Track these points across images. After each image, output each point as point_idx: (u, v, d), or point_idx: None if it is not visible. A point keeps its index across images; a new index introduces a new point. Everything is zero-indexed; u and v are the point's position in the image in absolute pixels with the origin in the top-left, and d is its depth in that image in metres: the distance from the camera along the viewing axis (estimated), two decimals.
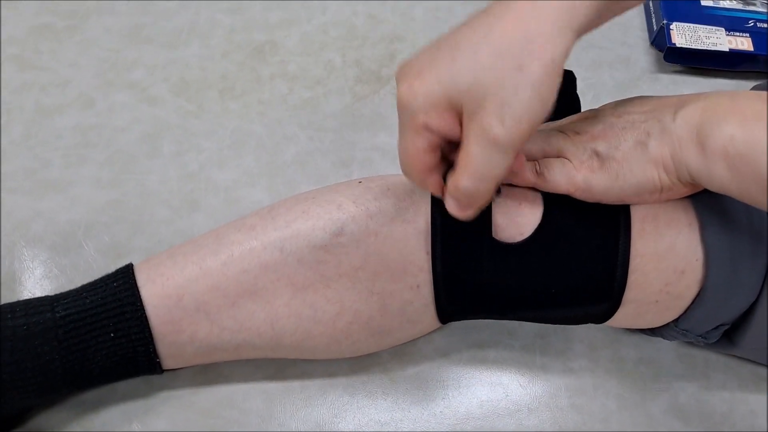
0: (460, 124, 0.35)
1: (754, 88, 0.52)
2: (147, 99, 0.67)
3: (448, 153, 0.39)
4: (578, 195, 0.42)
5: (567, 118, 0.46)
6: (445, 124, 0.35)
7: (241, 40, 0.72)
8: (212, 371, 0.52)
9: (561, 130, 0.43)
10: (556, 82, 0.33)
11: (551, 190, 0.42)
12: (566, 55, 0.33)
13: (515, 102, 0.33)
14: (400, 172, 0.39)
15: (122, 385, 0.50)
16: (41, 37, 0.70)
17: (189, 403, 0.51)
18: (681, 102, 0.40)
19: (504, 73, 0.32)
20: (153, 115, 0.65)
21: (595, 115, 0.43)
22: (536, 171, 0.42)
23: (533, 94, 0.33)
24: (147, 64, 0.69)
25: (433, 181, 0.39)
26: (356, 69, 0.71)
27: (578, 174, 0.41)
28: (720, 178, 0.37)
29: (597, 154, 0.41)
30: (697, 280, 0.44)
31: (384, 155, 0.64)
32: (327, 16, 0.74)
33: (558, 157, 0.42)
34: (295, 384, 0.52)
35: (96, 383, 0.47)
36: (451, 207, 0.37)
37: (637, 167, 0.40)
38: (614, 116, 0.42)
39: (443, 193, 0.39)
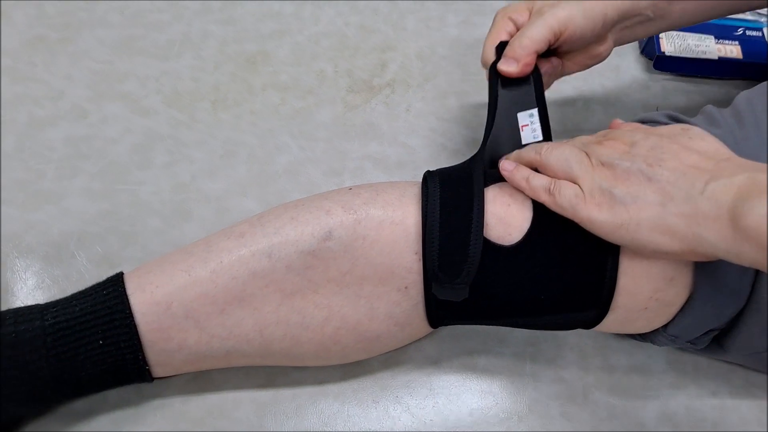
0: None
1: (740, 94, 0.53)
2: (139, 110, 0.67)
3: None
4: (582, 225, 0.42)
5: (603, 136, 0.45)
6: (521, 17, 0.54)
7: (233, 51, 0.72)
8: (203, 380, 0.52)
9: (588, 153, 0.43)
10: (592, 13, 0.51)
11: (558, 212, 0.43)
12: None
13: (572, 7, 0.51)
14: (391, 179, 0.40)
15: (112, 394, 0.51)
16: (34, 49, 0.71)
17: (179, 413, 0.51)
18: (718, 170, 0.38)
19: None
20: (145, 126, 0.66)
21: (628, 149, 0.42)
22: (549, 190, 0.43)
23: (581, 8, 0.51)
24: (139, 76, 0.69)
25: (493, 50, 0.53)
26: (348, 79, 0.71)
27: (584, 209, 0.41)
28: (750, 258, 0.36)
29: (611, 195, 0.40)
30: (686, 287, 0.45)
31: (375, 164, 0.65)
32: (319, 27, 0.75)
33: (574, 182, 0.42)
34: (286, 392, 0.52)
35: (85, 392, 0.47)
36: (500, 62, 0.51)
37: (645, 229, 0.39)
38: (646, 163, 0.40)
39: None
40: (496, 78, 0.52)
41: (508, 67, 0.50)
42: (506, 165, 0.46)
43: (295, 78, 0.71)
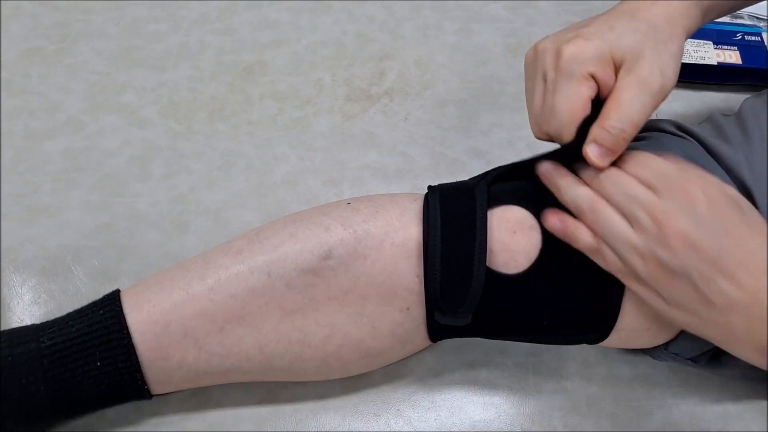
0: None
1: (746, 102, 0.52)
2: (136, 122, 0.67)
3: None
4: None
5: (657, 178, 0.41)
6: (605, 75, 0.41)
7: (230, 61, 0.72)
8: (202, 396, 0.51)
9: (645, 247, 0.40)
10: (679, 62, 0.42)
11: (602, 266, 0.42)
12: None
13: (665, 63, 0.41)
14: (390, 191, 0.39)
15: (111, 412, 0.50)
16: (31, 61, 0.70)
17: (179, 430, 0.50)
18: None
19: (656, 42, 0.41)
20: (142, 138, 0.65)
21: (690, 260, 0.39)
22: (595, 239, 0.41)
23: (674, 61, 0.41)
24: (136, 87, 0.69)
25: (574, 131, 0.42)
26: (346, 88, 0.71)
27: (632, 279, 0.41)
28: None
29: (661, 264, 0.39)
30: None
31: (374, 174, 0.64)
32: (316, 36, 0.75)
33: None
34: (287, 408, 0.52)
35: (83, 411, 0.46)
36: (593, 153, 0.41)
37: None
38: (702, 276, 0.38)
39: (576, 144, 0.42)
40: (565, 154, 0.43)
41: (602, 160, 0.41)
42: (552, 219, 0.43)
43: (292, 87, 0.70)
